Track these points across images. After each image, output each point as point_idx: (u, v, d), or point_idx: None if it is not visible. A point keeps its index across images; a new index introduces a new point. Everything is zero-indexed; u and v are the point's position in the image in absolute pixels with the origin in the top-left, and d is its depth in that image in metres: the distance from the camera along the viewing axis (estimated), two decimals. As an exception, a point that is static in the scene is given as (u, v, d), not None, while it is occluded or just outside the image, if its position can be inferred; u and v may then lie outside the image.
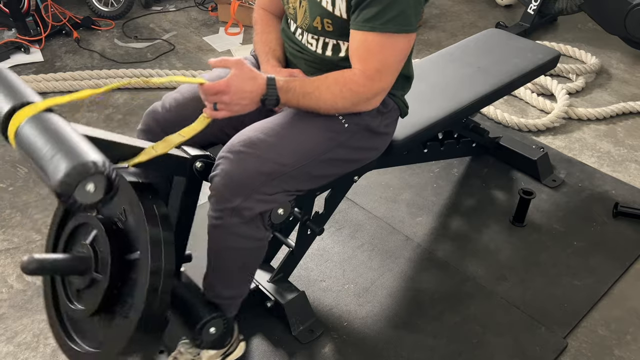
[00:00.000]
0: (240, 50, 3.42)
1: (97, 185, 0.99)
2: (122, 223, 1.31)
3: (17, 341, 1.73)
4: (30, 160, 1.04)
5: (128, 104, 2.87)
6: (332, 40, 1.47)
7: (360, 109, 1.45)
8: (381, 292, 1.88)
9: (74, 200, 0.98)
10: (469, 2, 4.02)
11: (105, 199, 1.02)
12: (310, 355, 1.68)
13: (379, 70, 1.38)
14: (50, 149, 1.00)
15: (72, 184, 0.96)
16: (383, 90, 1.44)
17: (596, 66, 3.09)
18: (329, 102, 1.40)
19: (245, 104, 1.33)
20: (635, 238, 2.09)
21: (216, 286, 1.47)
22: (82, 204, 0.99)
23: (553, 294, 1.87)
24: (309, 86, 1.40)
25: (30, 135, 1.05)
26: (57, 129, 1.05)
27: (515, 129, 2.66)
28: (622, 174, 2.41)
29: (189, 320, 1.42)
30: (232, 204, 1.34)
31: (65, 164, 0.97)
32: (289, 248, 1.75)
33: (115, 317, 1.29)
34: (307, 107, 1.42)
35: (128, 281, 1.27)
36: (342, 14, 1.39)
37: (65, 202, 0.98)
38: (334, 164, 1.50)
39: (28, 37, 3.33)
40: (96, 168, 0.98)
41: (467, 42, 2.32)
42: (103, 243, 1.27)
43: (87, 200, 1.00)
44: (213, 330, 1.42)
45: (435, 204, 2.24)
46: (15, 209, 2.22)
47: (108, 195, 1.02)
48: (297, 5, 1.47)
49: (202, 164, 1.41)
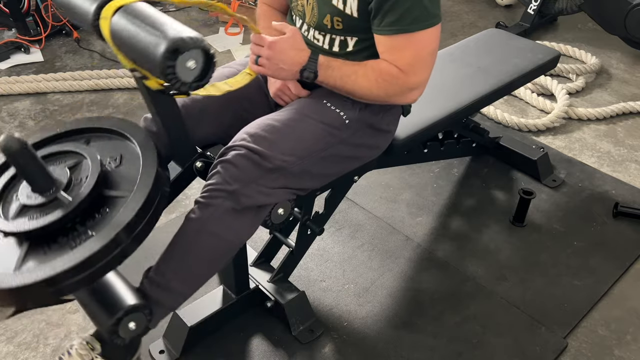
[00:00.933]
0: (240, 50, 3.41)
1: (197, 60, 1.08)
2: (114, 166, 1.27)
3: (17, 341, 1.73)
4: (129, 46, 1.11)
5: (128, 104, 2.87)
6: (339, 37, 1.48)
7: (395, 101, 1.47)
8: (381, 292, 1.88)
9: (175, 76, 1.06)
10: (469, 2, 4.02)
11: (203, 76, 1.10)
12: (310, 355, 1.68)
13: (412, 64, 1.40)
14: (149, 30, 1.08)
15: (176, 55, 1.04)
16: (419, 84, 1.45)
17: (596, 66, 3.09)
18: (365, 89, 1.42)
19: (284, 67, 1.39)
20: (635, 238, 2.09)
21: (166, 272, 1.32)
22: (183, 81, 1.07)
23: (553, 294, 1.87)
24: (348, 69, 1.42)
25: (126, 22, 1.12)
26: (149, 13, 1.12)
27: (515, 129, 2.66)
28: (622, 174, 2.41)
29: (108, 305, 1.23)
30: (231, 187, 1.32)
31: (167, 38, 1.04)
32: (289, 248, 1.75)
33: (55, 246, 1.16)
34: (342, 88, 1.44)
35: (94, 215, 1.18)
36: (352, 13, 1.40)
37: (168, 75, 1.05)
38: (336, 161, 1.51)
39: (28, 37, 3.33)
40: (196, 42, 1.06)
41: (467, 42, 2.32)
42: (87, 170, 1.21)
43: (188, 78, 1.08)
44: (132, 326, 1.23)
45: (435, 204, 2.24)
46: (15, 209, 2.22)
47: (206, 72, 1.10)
48: (305, 3, 1.48)
49: (202, 163, 1.42)
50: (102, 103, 2.88)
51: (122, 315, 1.22)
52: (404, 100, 1.48)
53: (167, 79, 1.07)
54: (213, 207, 1.32)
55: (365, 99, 1.46)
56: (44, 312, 1.80)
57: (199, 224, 1.33)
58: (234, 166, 1.33)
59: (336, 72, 1.42)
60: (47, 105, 2.86)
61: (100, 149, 1.32)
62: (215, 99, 1.51)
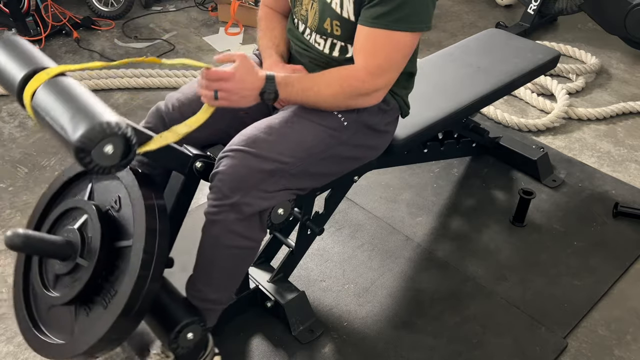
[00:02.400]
0: (240, 50, 3.42)
1: (115, 147, 1.01)
2: (114, 211, 1.29)
3: (17, 341, 1.73)
4: (49, 123, 1.04)
5: (128, 104, 2.87)
6: (340, 43, 1.47)
7: (360, 104, 1.45)
8: (381, 292, 1.87)
9: (91, 160, 0.99)
10: (469, 2, 4.02)
11: (121, 165, 1.03)
12: (310, 355, 1.68)
13: (381, 66, 1.39)
14: (69, 109, 1.02)
15: (93, 141, 0.97)
16: (385, 86, 1.44)
17: (596, 66, 3.09)
18: (329, 98, 1.41)
19: (244, 95, 1.36)
20: (635, 238, 2.09)
21: (201, 287, 1.43)
22: (99, 165, 1.00)
23: (553, 294, 1.87)
24: (308, 82, 1.41)
25: (48, 98, 1.06)
26: (75, 91, 1.07)
27: (515, 129, 2.66)
28: (622, 174, 2.41)
29: (166, 323, 1.36)
30: (231, 199, 1.33)
31: (86, 122, 0.98)
32: (289, 248, 1.75)
33: (94, 307, 1.25)
34: (307, 102, 1.43)
35: (114, 270, 1.24)
36: (349, 16, 1.40)
37: (83, 161, 0.99)
38: (335, 162, 1.51)
39: (28, 37, 3.32)
40: (116, 129, 0.99)
41: (467, 42, 2.32)
42: (93, 228, 1.25)
43: (104, 162, 1.01)
44: (190, 336, 1.35)
45: (435, 204, 2.24)
46: (15, 209, 2.22)
47: (125, 160, 1.03)
48: (309, 7, 1.47)
49: (202, 164, 1.41)
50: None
51: (178, 331, 1.33)
52: (368, 102, 1.45)
53: (86, 168, 1.03)
54: (220, 223, 1.36)
55: (331, 108, 1.44)
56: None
57: (213, 240, 1.39)
58: (231, 177, 1.33)
59: (296, 86, 1.39)
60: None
61: (101, 192, 1.35)
62: None
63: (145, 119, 1.58)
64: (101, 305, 1.23)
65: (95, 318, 1.24)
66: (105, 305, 1.22)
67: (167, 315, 1.37)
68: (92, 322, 1.24)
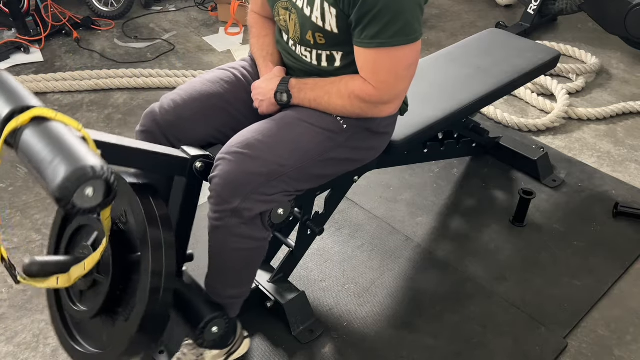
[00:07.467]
0: (240, 50, 3.42)
1: (96, 190, 0.99)
2: (123, 225, 1.31)
3: (17, 341, 1.73)
4: (28, 165, 1.02)
5: (128, 104, 2.87)
6: (325, 52, 1.45)
7: (371, 115, 1.46)
8: (381, 292, 1.87)
9: (73, 205, 0.97)
10: (469, 2, 4.02)
11: (104, 204, 1.01)
12: (310, 355, 1.68)
13: (387, 82, 1.38)
14: (48, 154, 0.99)
15: (71, 188, 0.95)
16: (396, 97, 1.44)
17: (596, 66, 3.09)
18: (339, 107, 1.44)
19: (261, 99, 1.50)
20: (635, 238, 2.09)
21: (217, 286, 1.47)
22: (81, 209, 0.98)
23: (553, 294, 1.87)
24: (320, 90, 1.44)
25: (29, 140, 1.04)
26: (55, 133, 1.04)
27: (515, 129, 2.66)
28: (622, 174, 2.41)
29: (190, 320, 1.42)
30: (232, 205, 1.33)
31: (64, 168, 0.96)
32: (289, 248, 1.75)
33: (118, 319, 1.29)
34: (318, 108, 1.46)
35: (130, 282, 1.28)
36: (332, 29, 1.38)
37: (64, 207, 0.97)
38: (333, 164, 1.50)
39: (28, 37, 3.33)
40: (95, 173, 0.96)
41: (467, 42, 2.32)
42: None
43: (86, 205, 0.99)
44: (215, 330, 1.41)
45: (435, 204, 2.24)
46: (15, 209, 2.22)
47: (107, 200, 1.01)
48: (287, 19, 1.45)
49: (202, 164, 1.41)
50: (101, 103, 2.88)
51: (202, 327, 1.39)
52: (381, 113, 1.46)
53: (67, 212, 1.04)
54: (224, 228, 1.37)
55: (342, 115, 1.46)
56: (44, 312, 1.80)
57: (220, 244, 1.41)
58: (229, 181, 1.33)
59: (309, 94, 1.46)
60: (47, 105, 2.85)
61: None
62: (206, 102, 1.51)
63: (140, 121, 1.57)
64: (123, 317, 1.28)
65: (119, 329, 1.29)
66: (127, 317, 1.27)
67: (190, 312, 1.43)
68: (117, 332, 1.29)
